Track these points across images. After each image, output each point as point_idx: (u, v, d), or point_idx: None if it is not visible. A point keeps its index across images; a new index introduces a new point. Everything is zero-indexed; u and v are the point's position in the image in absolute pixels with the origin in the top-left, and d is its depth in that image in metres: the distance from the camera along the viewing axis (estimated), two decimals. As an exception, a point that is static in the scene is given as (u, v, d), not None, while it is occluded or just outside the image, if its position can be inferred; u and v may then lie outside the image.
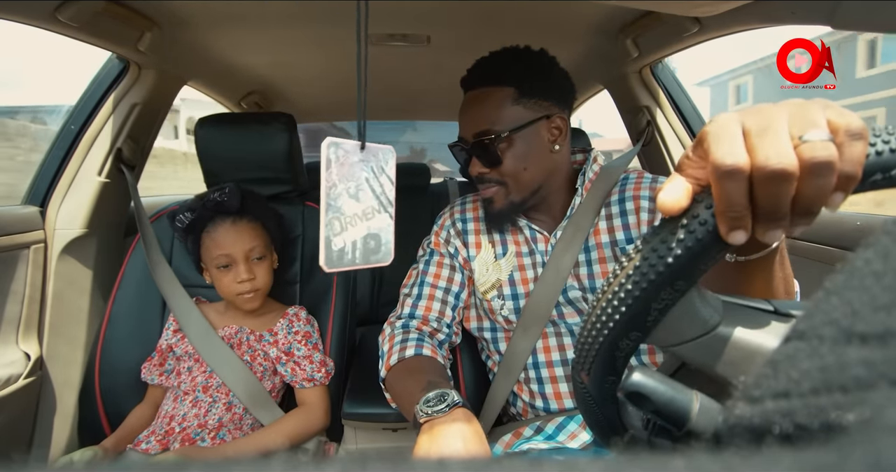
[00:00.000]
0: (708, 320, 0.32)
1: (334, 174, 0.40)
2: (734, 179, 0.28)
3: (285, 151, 1.09)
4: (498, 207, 0.85)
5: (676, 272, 0.30)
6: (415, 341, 0.83)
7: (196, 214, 0.94)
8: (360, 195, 0.42)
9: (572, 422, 0.81)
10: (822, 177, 0.27)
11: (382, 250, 0.44)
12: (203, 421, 0.90)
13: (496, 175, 0.83)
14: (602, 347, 0.33)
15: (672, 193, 0.30)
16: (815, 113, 0.29)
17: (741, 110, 0.31)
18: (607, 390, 0.36)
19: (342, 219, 0.41)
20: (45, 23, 0.89)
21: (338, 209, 0.40)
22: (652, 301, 0.31)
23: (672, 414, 0.31)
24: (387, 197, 0.44)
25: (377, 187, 0.43)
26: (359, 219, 0.42)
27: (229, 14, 1.08)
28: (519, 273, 0.88)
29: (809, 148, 0.27)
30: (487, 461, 0.12)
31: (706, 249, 0.29)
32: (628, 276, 0.31)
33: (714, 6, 0.80)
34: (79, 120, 1.19)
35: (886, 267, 0.16)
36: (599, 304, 0.33)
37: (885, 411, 0.12)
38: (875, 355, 0.14)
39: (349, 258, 0.42)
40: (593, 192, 0.86)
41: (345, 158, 0.41)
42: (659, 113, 1.39)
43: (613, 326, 0.32)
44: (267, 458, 0.11)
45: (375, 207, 0.43)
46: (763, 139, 0.28)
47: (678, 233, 0.30)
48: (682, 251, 0.29)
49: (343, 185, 0.41)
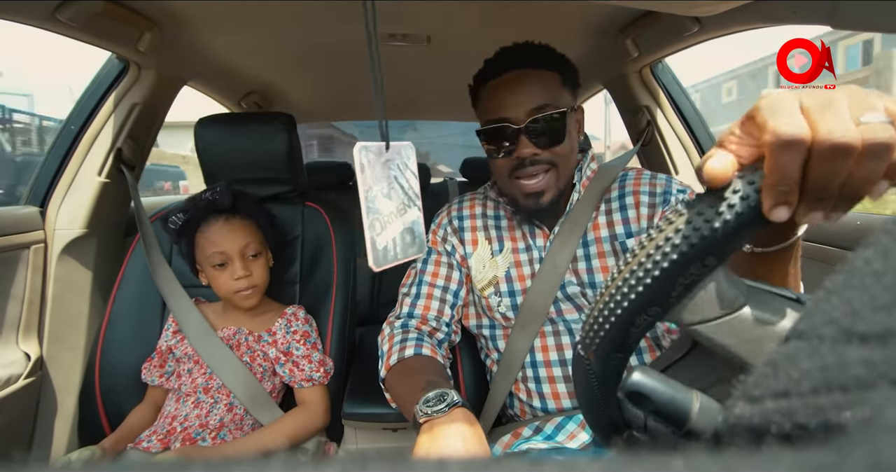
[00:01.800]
0: (733, 300, 0.32)
1: (369, 178, 0.41)
2: (793, 151, 0.27)
3: (285, 152, 1.09)
4: (548, 198, 0.81)
5: (710, 247, 0.29)
6: (414, 341, 0.83)
7: (189, 215, 0.94)
8: (392, 194, 0.43)
9: (571, 422, 0.81)
10: (877, 160, 0.27)
11: (417, 241, 0.46)
12: (205, 421, 0.90)
13: (549, 156, 0.80)
14: (618, 321, 0.32)
15: (720, 162, 0.29)
16: (872, 97, 0.29)
17: (793, 90, 0.30)
18: (613, 368, 0.35)
19: (381, 219, 0.42)
20: (45, 23, 0.89)
21: (376, 210, 0.42)
22: (679, 276, 0.30)
23: (672, 414, 0.31)
24: (414, 191, 0.45)
25: (405, 183, 0.44)
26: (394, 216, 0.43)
27: (229, 14, 1.08)
28: (516, 270, 0.88)
29: (869, 129, 0.27)
30: (487, 461, 0.12)
31: (744, 225, 0.29)
32: (658, 247, 0.30)
33: (714, 6, 0.80)
34: (79, 120, 1.19)
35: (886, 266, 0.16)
36: (621, 275, 0.32)
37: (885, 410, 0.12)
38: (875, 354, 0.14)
39: (392, 255, 0.43)
40: (591, 189, 0.86)
41: (375, 160, 0.42)
42: (659, 113, 1.39)
43: (634, 298, 0.31)
44: (267, 458, 0.11)
45: (406, 203, 0.44)
46: (825, 115, 0.28)
47: (718, 206, 0.29)
48: (719, 225, 0.28)
49: (377, 186, 0.42)
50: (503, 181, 0.85)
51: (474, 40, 1.25)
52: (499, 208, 0.94)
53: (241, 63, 1.44)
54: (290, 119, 1.11)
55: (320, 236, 1.13)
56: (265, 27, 1.17)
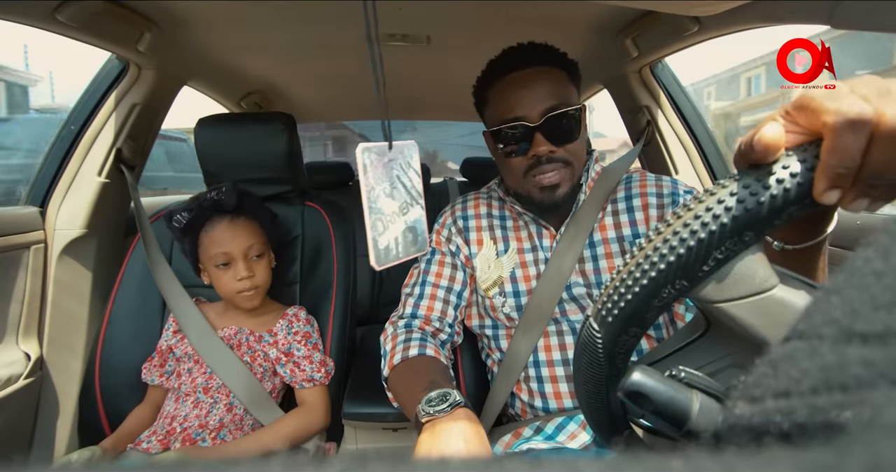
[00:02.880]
0: (765, 279, 0.31)
1: (371, 178, 0.41)
2: (857, 132, 0.27)
3: (285, 151, 1.09)
4: (563, 191, 0.82)
5: (751, 222, 0.28)
6: (418, 341, 0.83)
7: (193, 214, 0.94)
8: (395, 193, 0.44)
9: (572, 422, 0.81)
10: None
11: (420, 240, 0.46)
12: (204, 422, 0.90)
13: (564, 153, 0.80)
14: (642, 290, 0.31)
15: (775, 131, 0.29)
16: None
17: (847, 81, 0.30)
18: (623, 343, 0.34)
19: (384, 218, 0.43)
20: (45, 23, 0.89)
21: (378, 210, 0.42)
22: (714, 249, 0.29)
23: (672, 414, 0.30)
24: (416, 190, 0.46)
25: (407, 182, 0.45)
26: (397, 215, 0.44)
27: (229, 15, 1.08)
28: (521, 270, 0.88)
29: None
30: (488, 461, 0.12)
31: (790, 203, 0.28)
32: (697, 216, 0.29)
33: (713, 6, 0.80)
34: (79, 120, 1.19)
35: (887, 266, 0.16)
36: (651, 245, 0.31)
37: (884, 410, 0.12)
38: (875, 354, 0.14)
39: (394, 254, 0.43)
40: (596, 190, 0.86)
41: (378, 160, 0.42)
42: (659, 113, 1.39)
43: (664, 268, 0.30)
44: (267, 458, 0.11)
45: (408, 201, 0.45)
46: (888, 100, 0.27)
47: (766, 180, 0.28)
48: (765, 199, 0.28)
49: (380, 186, 0.42)
50: (516, 181, 0.85)
51: (474, 40, 1.25)
52: (504, 208, 0.94)
53: (241, 63, 1.44)
54: (290, 119, 1.11)
55: (320, 236, 1.13)
56: (265, 27, 1.17)
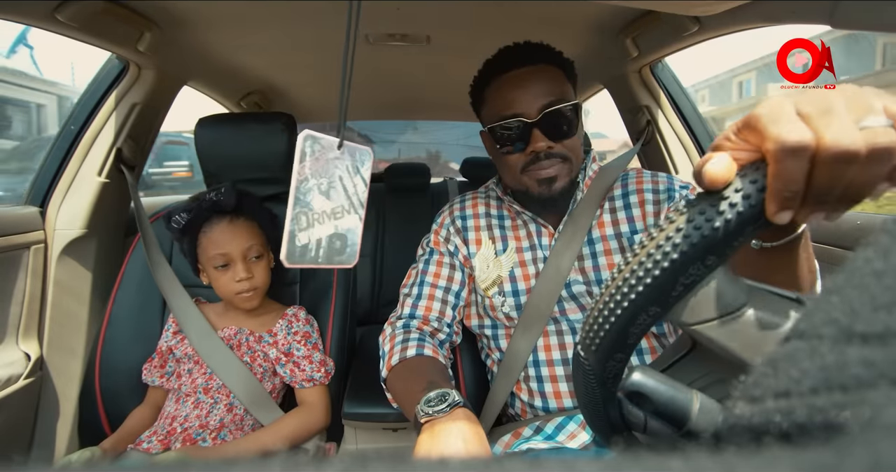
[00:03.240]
0: (734, 300, 0.31)
1: (307, 168, 0.39)
2: (798, 158, 0.27)
3: (285, 152, 1.09)
4: (560, 185, 0.82)
5: (711, 246, 0.29)
6: (416, 341, 0.83)
7: (192, 215, 0.94)
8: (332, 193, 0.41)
9: (571, 422, 0.81)
10: (880, 164, 0.27)
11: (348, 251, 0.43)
12: (205, 422, 0.90)
13: (562, 149, 0.81)
14: (618, 320, 0.32)
15: (720, 164, 0.29)
16: (872, 98, 0.28)
17: (788, 95, 0.30)
18: (611, 368, 0.35)
19: (309, 214, 0.40)
20: (45, 23, 0.89)
21: (306, 204, 0.40)
22: (680, 275, 0.30)
23: (672, 414, 0.30)
24: (359, 198, 0.43)
25: (350, 187, 0.42)
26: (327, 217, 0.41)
27: (229, 14, 1.08)
28: (520, 269, 0.88)
29: (871, 134, 0.27)
30: (488, 461, 0.12)
31: (745, 224, 0.29)
32: (658, 246, 0.30)
33: (713, 6, 0.80)
34: (79, 120, 1.19)
35: (886, 266, 0.16)
36: (622, 275, 0.32)
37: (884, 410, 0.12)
38: (875, 354, 0.14)
39: (311, 256, 0.41)
40: (593, 189, 0.86)
41: (320, 153, 0.40)
42: (659, 112, 1.39)
43: (635, 298, 0.31)
44: (267, 458, 0.11)
45: (346, 207, 0.42)
46: (829, 120, 0.27)
47: (720, 205, 0.29)
48: (720, 224, 0.28)
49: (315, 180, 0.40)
50: (514, 177, 0.85)
51: (474, 40, 1.25)
52: (502, 208, 0.94)
53: (241, 63, 1.44)
54: (290, 119, 1.11)
55: None
56: (265, 27, 1.17)
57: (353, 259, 0.44)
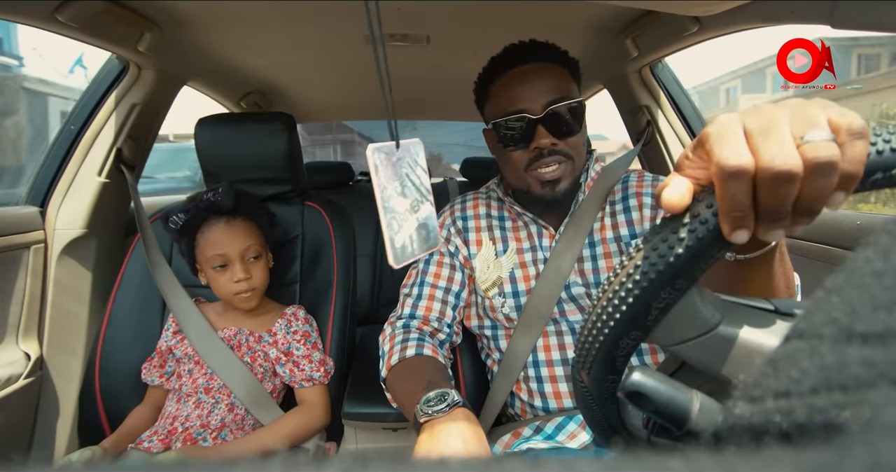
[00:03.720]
0: (708, 319, 0.32)
1: (382, 178, 0.42)
2: (739, 180, 0.28)
3: (285, 151, 1.09)
4: (564, 186, 0.82)
5: (677, 271, 0.30)
6: (416, 341, 0.83)
7: (189, 215, 0.94)
8: (406, 191, 0.44)
9: (571, 422, 0.81)
10: (824, 177, 0.27)
11: (432, 236, 0.46)
12: (206, 422, 0.90)
13: (565, 147, 0.81)
14: (602, 346, 0.33)
15: (675, 191, 0.30)
16: (816, 112, 0.29)
17: (741, 111, 0.31)
18: (607, 389, 0.36)
19: (398, 217, 0.43)
20: (45, 23, 0.89)
21: (392, 209, 0.42)
22: (652, 300, 0.31)
23: (672, 414, 0.30)
24: (425, 187, 0.46)
25: (416, 180, 0.45)
26: (409, 213, 0.44)
27: (229, 14, 1.08)
28: (520, 270, 0.88)
29: (812, 148, 0.27)
30: (487, 461, 0.12)
31: (707, 248, 0.29)
32: (629, 275, 0.31)
33: (713, 6, 0.80)
34: (79, 120, 1.19)
35: (887, 266, 0.16)
36: (600, 303, 0.33)
37: (884, 410, 0.12)
38: (875, 354, 0.14)
39: (410, 251, 0.44)
40: (595, 190, 0.86)
41: (387, 160, 0.42)
42: (659, 113, 1.39)
43: (614, 325, 0.32)
44: (267, 458, 0.11)
45: (419, 199, 0.45)
46: (767, 139, 0.28)
47: (679, 232, 0.30)
48: (682, 250, 0.29)
49: (391, 186, 0.43)
50: (517, 175, 0.84)
51: (474, 40, 1.25)
52: (503, 209, 0.94)
53: (241, 63, 1.44)
54: (290, 119, 1.11)
55: (320, 236, 1.13)
56: (265, 27, 1.17)
57: (438, 241, 0.48)
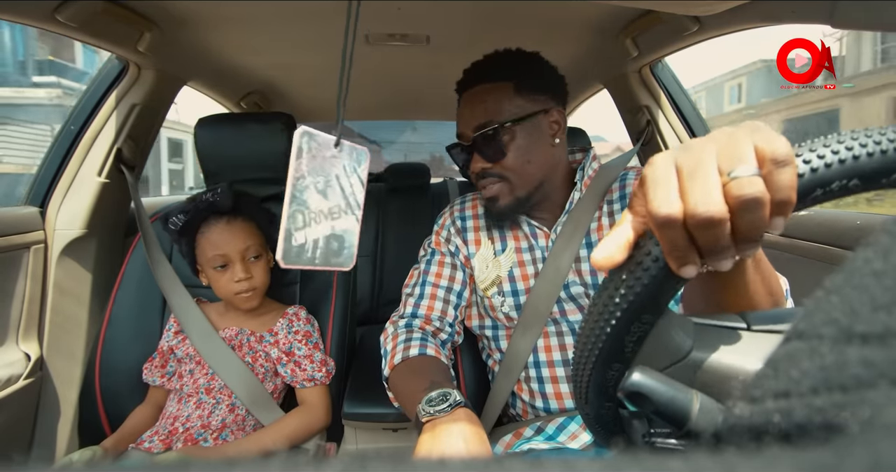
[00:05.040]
0: (681, 346, 0.33)
1: (304, 165, 0.39)
2: (670, 227, 0.28)
3: (285, 151, 1.09)
4: (503, 204, 0.84)
5: (641, 307, 0.31)
6: (418, 341, 0.83)
7: (189, 216, 0.94)
8: (329, 192, 0.40)
9: (573, 422, 0.81)
10: (753, 212, 0.28)
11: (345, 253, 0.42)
12: (206, 422, 0.90)
13: (499, 170, 0.82)
14: (592, 378, 0.35)
15: (603, 251, 0.31)
16: (743, 145, 0.29)
17: (678, 147, 0.31)
18: (605, 415, 0.38)
19: (306, 213, 0.39)
20: (45, 23, 0.89)
21: (303, 202, 0.39)
22: (624, 335, 0.32)
23: (672, 414, 0.31)
24: (356, 198, 0.42)
25: (347, 187, 0.42)
26: (324, 217, 0.40)
27: (229, 14, 1.08)
28: (519, 269, 0.88)
29: (737, 186, 0.28)
30: (488, 461, 0.12)
31: (663, 283, 0.30)
32: (599, 314, 0.32)
33: (713, 5, 0.80)
34: (79, 120, 1.19)
35: (886, 266, 0.16)
36: (580, 339, 0.34)
37: (884, 410, 0.12)
38: (875, 354, 0.14)
39: (308, 257, 0.40)
40: (592, 188, 0.86)
41: (317, 150, 0.39)
42: (659, 112, 1.39)
43: (597, 359, 0.34)
44: (267, 458, 0.11)
45: (342, 207, 0.41)
46: (693, 183, 0.29)
47: (635, 271, 0.31)
48: (640, 289, 0.30)
49: (311, 178, 0.39)
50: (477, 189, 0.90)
51: (474, 40, 1.25)
52: None
53: (241, 63, 1.44)
54: (290, 119, 1.11)
55: None
56: (265, 27, 1.17)
57: (350, 262, 0.43)
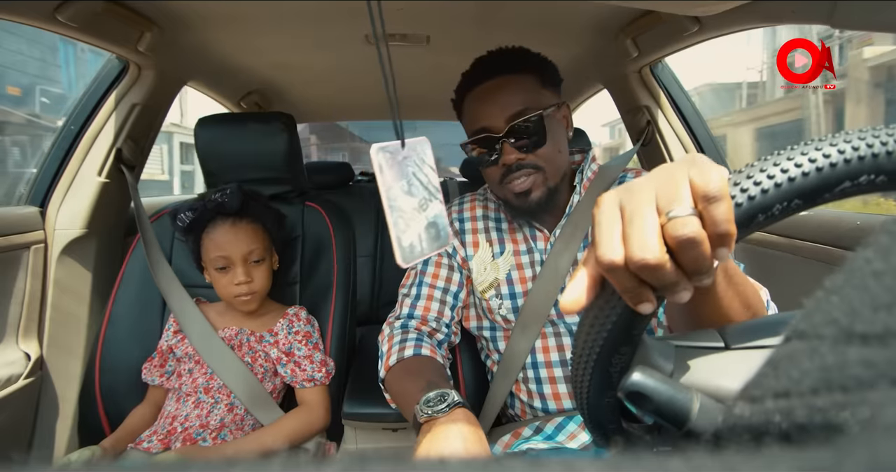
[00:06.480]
0: (662, 371, 0.34)
1: (388, 177, 0.42)
2: (615, 272, 0.29)
3: (285, 151, 1.09)
4: (536, 196, 0.82)
5: (616, 341, 0.32)
6: (414, 341, 0.83)
7: (196, 214, 0.94)
8: (413, 190, 0.44)
9: (571, 422, 0.81)
10: (692, 249, 0.28)
11: (442, 234, 0.46)
12: (205, 422, 0.90)
13: (534, 160, 0.80)
14: (590, 402, 0.37)
15: (569, 295, 0.31)
16: (679, 183, 0.30)
17: (623, 187, 0.32)
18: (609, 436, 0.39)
19: (405, 216, 0.43)
20: (45, 23, 0.89)
21: (398, 209, 0.42)
22: (608, 366, 0.33)
23: (672, 414, 0.31)
24: (433, 185, 0.46)
25: (423, 178, 0.45)
26: (417, 212, 0.44)
27: (229, 14, 1.08)
28: (517, 272, 0.88)
29: (672, 227, 0.28)
30: (487, 461, 0.12)
31: (630, 318, 0.31)
32: (582, 348, 0.34)
33: (713, 6, 0.80)
34: (79, 120, 1.19)
35: (887, 266, 0.16)
36: (572, 373, 0.36)
37: (884, 410, 0.12)
38: (875, 354, 0.14)
39: (419, 250, 0.43)
40: (592, 190, 0.86)
41: (392, 159, 0.42)
42: (659, 113, 1.39)
43: (589, 388, 0.35)
44: (267, 458, 0.11)
45: (427, 197, 0.45)
46: (631, 228, 0.29)
47: (604, 308, 0.32)
48: (611, 326, 0.32)
49: (397, 184, 0.42)
50: (495, 187, 0.87)
51: (474, 40, 1.25)
52: (499, 210, 0.94)
53: (241, 63, 1.44)
54: (290, 119, 1.11)
55: (320, 236, 1.13)
56: (265, 27, 1.17)
57: (449, 239, 0.47)
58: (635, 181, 0.32)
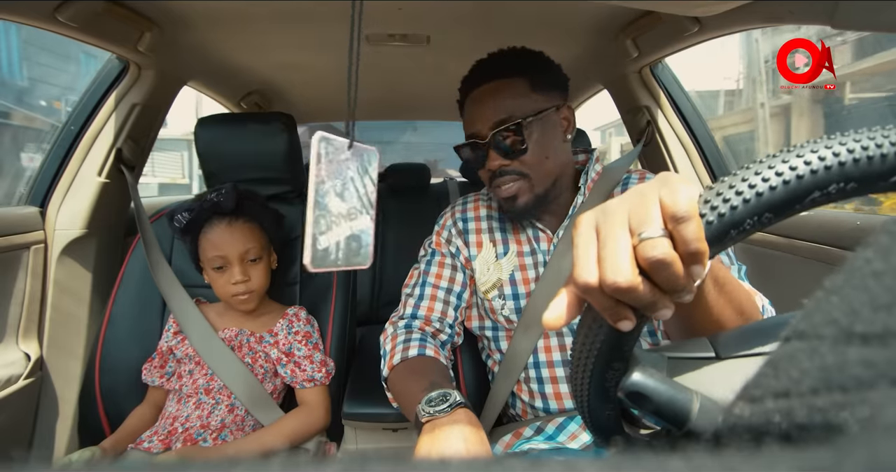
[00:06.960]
0: None
1: (323, 170, 0.39)
2: (591, 294, 0.30)
3: (285, 151, 1.09)
4: (522, 202, 0.82)
5: (608, 356, 0.33)
6: (418, 342, 0.83)
7: (193, 215, 0.94)
8: (345, 194, 0.41)
9: (573, 423, 0.81)
10: (664, 269, 0.29)
11: (362, 252, 0.43)
12: (206, 422, 0.90)
13: (518, 166, 0.80)
14: (592, 415, 0.37)
15: (551, 313, 0.32)
16: (650, 204, 0.30)
17: (599, 209, 0.32)
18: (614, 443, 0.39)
19: (328, 217, 0.40)
20: (45, 23, 0.89)
21: (325, 207, 0.40)
22: (603, 381, 0.35)
23: (672, 414, 0.31)
24: (369, 198, 0.43)
25: (360, 188, 0.43)
26: (343, 219, 0.41)
27: (229, 14, 1.08)
28: (520, 273, 0.88)
29: (643, 249, 0.29)
30: (488, 461, 0.12)
31: (617, 335, 0.32)
32: (576, 366, 0.35)
33: (713, 6, 0.80)
34: (79, 120, 1.19)
35: (886, 266, 0.16)
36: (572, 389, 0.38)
37: (884, 410, 0.12)
38: (875, 354, 0.14)
39: (332, 258, 0.41)
40: (596, 191, 0.86)
41: (333, 154, 0.40)
42: (659, 113, 1.39)
43: (589, 400, 0.37)
44: (267, 458, 0.11)
45: (358, 208, 0.42)
46: (605, 251, 0.30)
47: (592, 326, 0.33)
48: (600, 344, 0.33)
49: (331, 182, 0.40)
50: (489, 190, 0.88)
51: (474, 41, 1.25)
52: (502, 210, 0.95)
53: (241, 63, 1.44)
54: (290, 119, 1.11)
55: None
56: (265, 27, 1.17)
57: (367, 260, 0.44)
58: (610, 203, 0.32)
